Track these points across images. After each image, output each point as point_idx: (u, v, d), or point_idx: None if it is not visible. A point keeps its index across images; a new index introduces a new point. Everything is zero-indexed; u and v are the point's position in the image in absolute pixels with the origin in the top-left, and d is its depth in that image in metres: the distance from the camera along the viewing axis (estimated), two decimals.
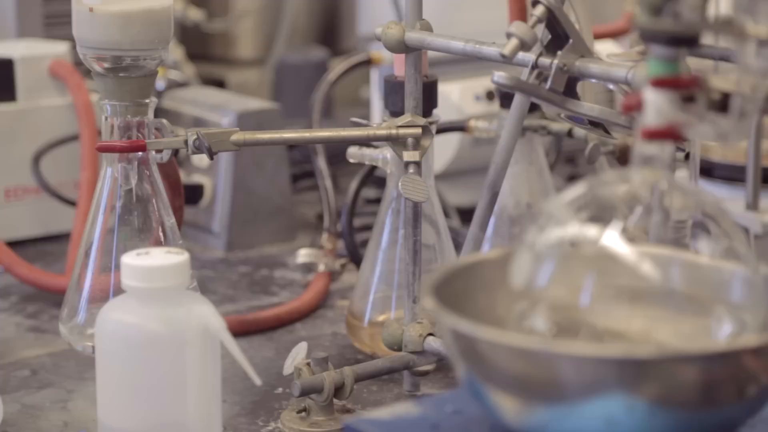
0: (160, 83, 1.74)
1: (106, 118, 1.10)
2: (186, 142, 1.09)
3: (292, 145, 1.78)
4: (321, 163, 1.54)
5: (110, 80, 1.08)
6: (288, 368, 1.13)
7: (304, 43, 2.28)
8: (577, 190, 0.73)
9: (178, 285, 0.89)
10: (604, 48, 1.35)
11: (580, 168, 1.78)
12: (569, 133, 1.36)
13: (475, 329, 0.69)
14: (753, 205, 1.52)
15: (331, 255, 1.46)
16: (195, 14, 2.02)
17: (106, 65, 1.09)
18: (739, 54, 0.67)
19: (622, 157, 1.30)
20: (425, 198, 1.11)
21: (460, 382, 0.72)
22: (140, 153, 1.11)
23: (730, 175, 1.60)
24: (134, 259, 0.89)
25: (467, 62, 1.55)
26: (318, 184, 1.53)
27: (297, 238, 1.63)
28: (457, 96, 1.68)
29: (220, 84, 2.18)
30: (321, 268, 1.45)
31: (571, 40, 0.95)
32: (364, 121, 1.14)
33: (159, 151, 1.12)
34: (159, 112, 1.75)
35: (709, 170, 1.63)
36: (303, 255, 1.47)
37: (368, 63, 1.71)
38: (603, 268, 0.73)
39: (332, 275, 1.45)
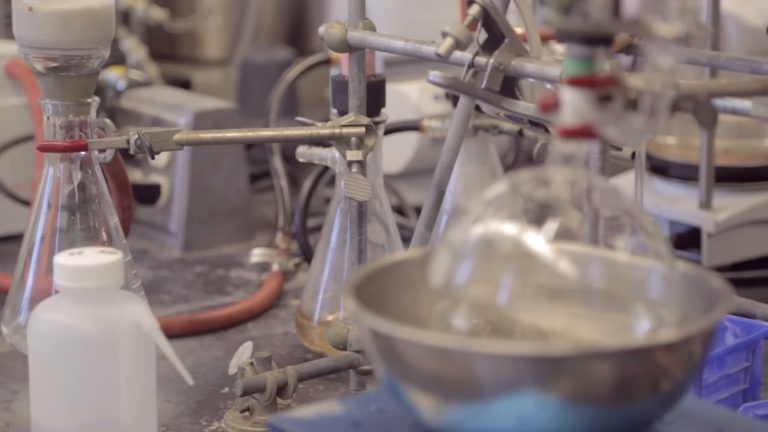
0: (120, 83, 1.74)
1: (48, 118, 1.10)
2: (128, 141, 1.09)
3: (250, 145, 1.78)
4: (277, 162, 1.54)
5: (51, 80, 1.08)
6: (233, 368, 1.13)
7: (271, 43, 2.28)
8: (497, 188, 0.73)
9: (111, 285, 0.89)
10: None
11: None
12: (520, 133, 1.36)
13: (391, 328, 0.69)
14: (706, 204, 1.53)
15: (285, 255, 1.46)
16: (158, 14, 2.02)
17: (52, 64, 1.08)
18: (648, 52, 0.67)
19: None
20: (368, 197, 1.11)
21: (379, 382, 0.72)
22: (83, 153, 1.11)
23: (685, 174, 1.61)
24: (66, 259, 0.89)
25: (428, 62, 1.56)
26: (273, 183, 1.54)
27: (256, 238, 1.63)
28: (416, 96, 1.69)
29: (186, 84, 2.18)
30: (275, 267, 1.45)
31: (507, 40, 0.95)
32: (309, 121, 1.14)
33: (102, 150, 1.12)
34: (118, 112, 1.76)
35: (664, 169, 1.63)
36: (257, 255, 1.47)
37: (327, 63, 1.71)
38: (523, 266, 0.73)
39: (286, 275, 1.45)
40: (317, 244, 1.30)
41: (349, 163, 1.11)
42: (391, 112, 1.74)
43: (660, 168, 1.62)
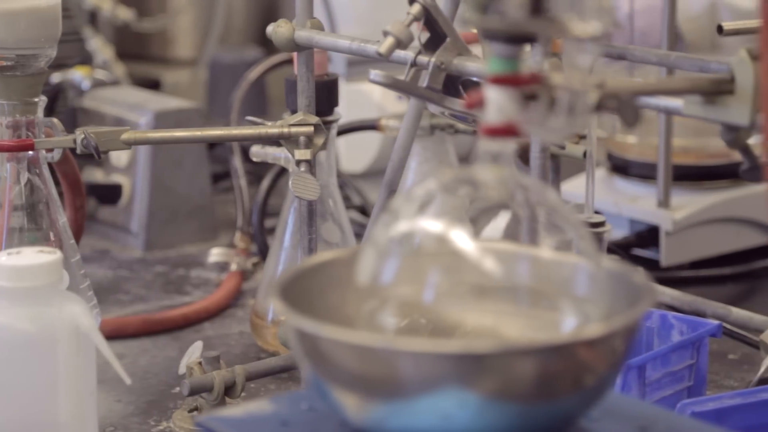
0: (85, 83, 1.74)
1: None
2: (75, 141, 1.09)
3: (212, 145, 1.78)
4: (237, 161, 1.54)
5: None
6: (183, 368, 1.13)
7: (242, 42, 2.28)
8: (423, 186, 0.73)
9: (49, 284, 0.89)
10: None
11: None
12: (475, 132, 1.36)
13: (314, 327, 0.69)
14: (664, 203, 1.53)
15: (244, 254, 1.46)
16: (125, 14, 2.02)
17: (4, 63, 1.08)
18: (565, 51, 0.68)
19: (524, 156, 1.30)
20: (316, 196, 1.11)
21: (306, 381, 0.72)
22: (30, 152, 1.11)
23: (645, 173, 1.61)
24: (4, 258, 0.89)
25: (394, 62, 1.56)
26: (233, 183, 1.54)
27: (219, 238, 1.63)
28: (379, 95, 1.69)
29: (155, 84, 2.18)
30: (233, 267, 1.45)
31: (448, 39, 0.96)
32: (258, 120, 1.14)
33: (50, 150, 1.12)
34: (81, 112, 1.76)
35: (624, 168, 1.64)
36: (215, 254, 1.48)
37: (291, 62, 1.71)
38: (450, 264, 0.73)
39: (244, 274, 1.45)
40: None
41: (298, 162, 1.11)
42: (354, 112, 1.75)
43: (620, 167, 1.62)
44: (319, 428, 0.73)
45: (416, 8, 0.95)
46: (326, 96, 1.23)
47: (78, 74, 1.73)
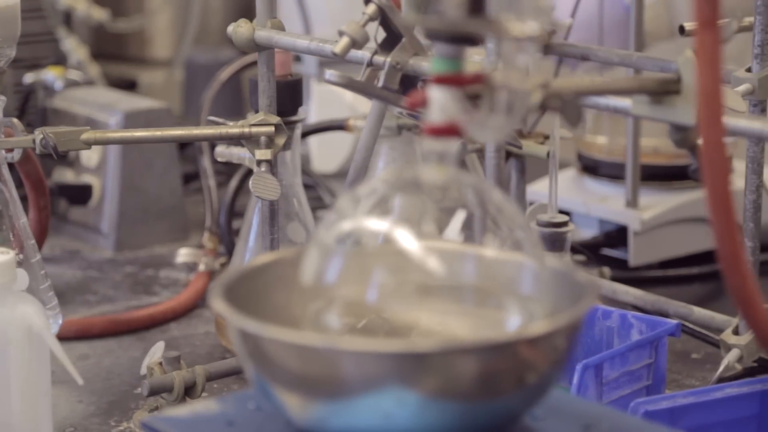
0: (58, 83, 1.74)
1: None
2: (34, 141, 1.09)
3: (183, 145, 1.78)
4: (206, 162, 1.54)
5: None
6: (144, 368, 1.13)
7: (218, 42, 2.28)
8: (368, 185, 0.74)
9: (1, 285, 0.89)
10: None
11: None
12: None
13: (255, 327, 0.69)
14: (632, 203, 1.54)
15: (212, 254, 1.46)
16: (99, 14, 2.02)
17: None
18: (503, 50, 0.68)
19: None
20: (276, 196, 1.11)
21: (249, 381, 0.72)
22: None
23: (614, 173, 1.61)
24: None
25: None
26: (202, 183, 1.54)
27: (190, 238, 1.63)
28: (351, 96, 1.69)
29: (131, 84, 2.18)
30: (201, 267, 1.45)
31: (404, 39, 0.96)
32: (220, 120, 1.14)
33: (9, 150, 1.12)
34: (52, 112, 1.76)
35: (594, 168, 1.64)
36: (183, 255, 1.48)
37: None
38: (395, 264, 0.73)
39: (212, 275, 1.45)
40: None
41: (258, 162, 1.11)
42: (325, 112, 1.75)
43: (590, 167, 1.63)
44: (264, 428, 0.73)
45: (372, 8, 0.95)
46: (290, 96, 1.23)
47: (51, 74, 1.73)
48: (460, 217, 0.73)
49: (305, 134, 1.46)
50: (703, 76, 0.66)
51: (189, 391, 1.09)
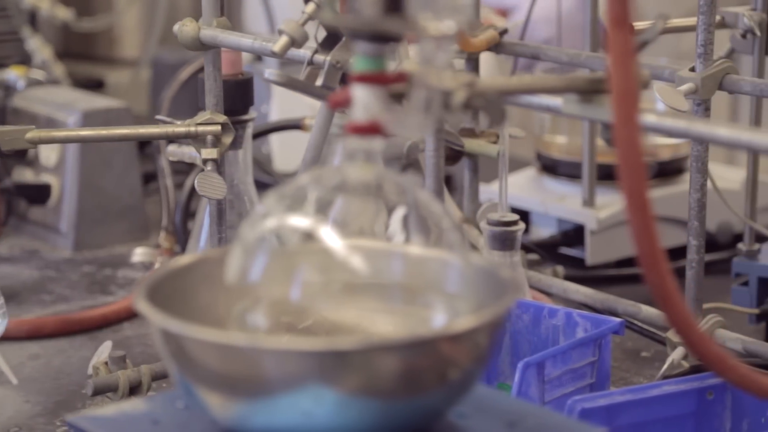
0: (20, 83, 1.73)
1: None
2: None
3: (143, 145, 1.78)
4: (163, 161, 1.54)
5: None
6: (91, 368, 1.13)
7: None
8: (292, 184, 0.74)
9: None
10: None
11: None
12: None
13: (177, 326, 0.69)
14: (589, 202, 1.54)
15: (168, 254, 1.46)
16: (63, 13, 2.01)
17: None
18: (420, 49, 0.68)
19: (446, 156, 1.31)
20: (222, 195, 1.11)
21: (173, 381, 0.72)
22: None
23: (572, 172, 1.62)
24: None
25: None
26: (159, 183, 1.54)
27: (150, 238, 1.63)
28: None
29: (99, 83, 2.18)
30: (157, 267, 1.45)
31: (344, 37, 0.96)
32: (167, 119, 1.15)
33: None
34: (12, 112, 1.75)
35: (553, 168, 1.64)
36: (138, 254, 1.47)
37: None
38: (321, 262, 0.73)
39: None
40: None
41: (204, 161, 1.11)
42: (287, 111, 1.75)
43: (549, 166, 1.63)
44: (189, 427, 0.73)
45: (311, 7, 0.95)
46: (240, 95, 1.23)
47: (13, 74, 1.73)
48: (389, 214, 0.73)
49: (261, 134, 1.46)
50: (616, 75, 0.66)
51: (135, 391, 1.09)
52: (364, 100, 0.69)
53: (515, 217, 1.22)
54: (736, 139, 0.73)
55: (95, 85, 2.12)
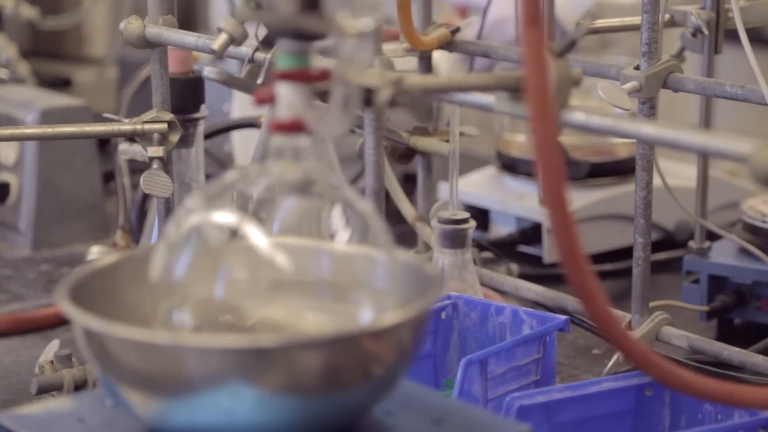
0: None
1: None
2: None
3: (104, 143, 1.78)
4: (121, 160, 1.54)
5: None
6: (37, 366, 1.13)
7: None
8: (217, 183, 0.74)
9: None
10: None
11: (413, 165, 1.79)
12: (352, 131, 1.37)
13: (98, 325, 0.69)
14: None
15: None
16: (28, 11, 2.01)
17: None
18: (338, 46, 0.68)
19: (394, 153, 1.31)
20: (168, 194, 1.11)
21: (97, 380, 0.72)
22: None
23: (531, 170, 1.61)
24: None
25: None
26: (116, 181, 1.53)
27: (110, 236, 1.62)
28: None
29: (66, 82, 2.18)
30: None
31: None
32: (114, 117, 1.14)
33: None
34: None
35: (512, 166, 1.65)
36: (95, 253, 1.47)
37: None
38: (248, 260, 0.73)
39: None
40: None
41: (150, 160, 1.11)
42: (249, 109, 1.75)
43: (509, 165, 1.63)
44: (114, 425, 0.73)
45: (251, 6, 0.95)
46: (191, 93, 1.23)
47: None
48: (316, 212, 0.74)
49: (217, 132, 1.46)
50: (530, 72, 0.66)
51: (80, 389, 1.09)
52: (287, 98, 0.69)
53: (466, 215, 1.22)
54: (660, 137, 0.74)
55: (62, 84, 2.11)
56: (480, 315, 1.12)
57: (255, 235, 0.72)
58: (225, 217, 0.73)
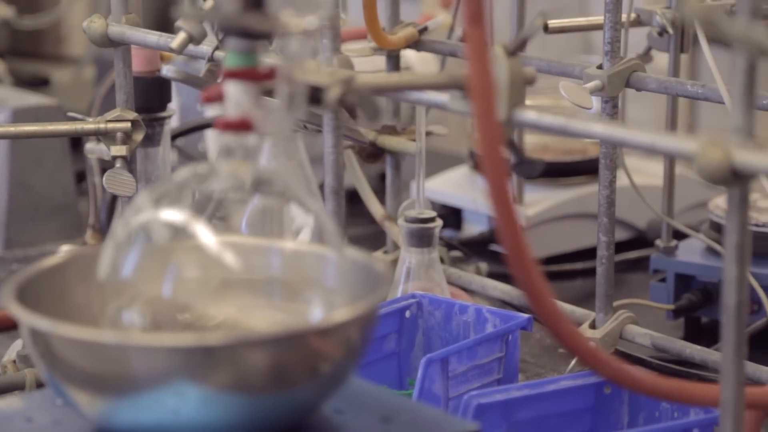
0: None
1: None
2: None
3: (77, 143, 1.78)
4: (92, 159, 1.54)
5: None
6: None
7: None
8: (169, 180, 0.74)
9: None
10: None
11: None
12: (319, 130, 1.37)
13: (44, 324, 0.69)
14: (517, 199, 1.54)
15: None
16: (4, 11, 2.01)
17: None
18: (281, 43, 0.68)
19: (362, 152, 1.31)
20: (131, 193, 1.11)
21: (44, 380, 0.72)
22: None
23: None
24: None
25: None
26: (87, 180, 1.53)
27: (83, 236, 1.62)
28: None
29: (44, 81, 2.17)
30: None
31: None
32: (79, 116, 1.14)
33: None
34: None
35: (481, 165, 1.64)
36: (64, 252, 1.47)
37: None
38: (196, 259, 0.73)
39: None
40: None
41: (114, 158, 1.11)
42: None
43: (479, 164, 1.63)
44: (62, 424, 0.73)
45: (210, 4, 0.95)
46: (157, 92, 1.22)
47: None
48: (266, 210, 0.74)
49: (190, 130, 1.46)
50: (473, 71, 0.66)
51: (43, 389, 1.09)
52: (235, 96, 0.69)
53: (432, 214, 1.22)
54: (610, 136, 0.74)
55: (40, 83, 2.11)
56: (444, 314, 1.12)
57: (203, 233, 0.72)
58: (173, 215, 0.73)
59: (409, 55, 1.45)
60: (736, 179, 0.67)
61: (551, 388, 0.94)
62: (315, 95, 0.71)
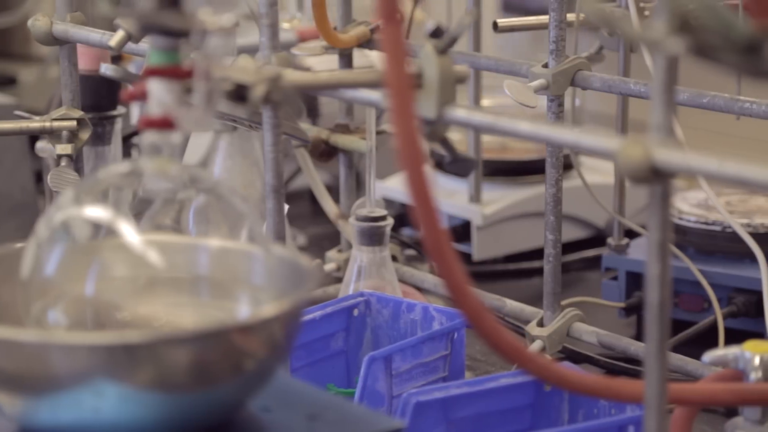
0: None
1: None
2: None
3: (35, 140, 1.77)
4: (49, 158, 1.53)
5: None
6: None
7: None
8: (91, 179, 0.73)
9: None
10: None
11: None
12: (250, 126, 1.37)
13: None
14: (475, 198, 1.55)
15: None
16: None
17: None
18: (197, 41, 0.68)
19: (315, 150, 1.31)
20: None
21: None
22: None
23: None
24: None
25: None
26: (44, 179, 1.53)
27: None
28: None
29: (11, 80, 2.17)
30: None
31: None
32: (25, 114, 1.14)
33: None
34: None
35: (442, 164, 1.65)
36: None
37: (120, 58, 1.71)
38: (124, 258, 0.73)
39: None
40: None
41: (59, 157, 1.11)
42: None
43: (439, 163, 1.63)
44: None
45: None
46: (107, 91, 1.22)
47: None
48: (190, 208, 0.74)
49: (138, 132, 1.45)
50: (389, 68, 0.66)
51: None
52: (157, 94, 0.69)
53: (383, 212, 1.22)
54: (535, 134, 0.74)
55: (7, 82, 2.11)
56: (392, 312, 1.13)
57: (128, 231, 0.72)
58: (97, 213, 0.73)
59: (372, 55, 1.46)
60: (657, 177, 0.68)
61: (491, 385, 0.94)
62: (240, 93, 0.71)
